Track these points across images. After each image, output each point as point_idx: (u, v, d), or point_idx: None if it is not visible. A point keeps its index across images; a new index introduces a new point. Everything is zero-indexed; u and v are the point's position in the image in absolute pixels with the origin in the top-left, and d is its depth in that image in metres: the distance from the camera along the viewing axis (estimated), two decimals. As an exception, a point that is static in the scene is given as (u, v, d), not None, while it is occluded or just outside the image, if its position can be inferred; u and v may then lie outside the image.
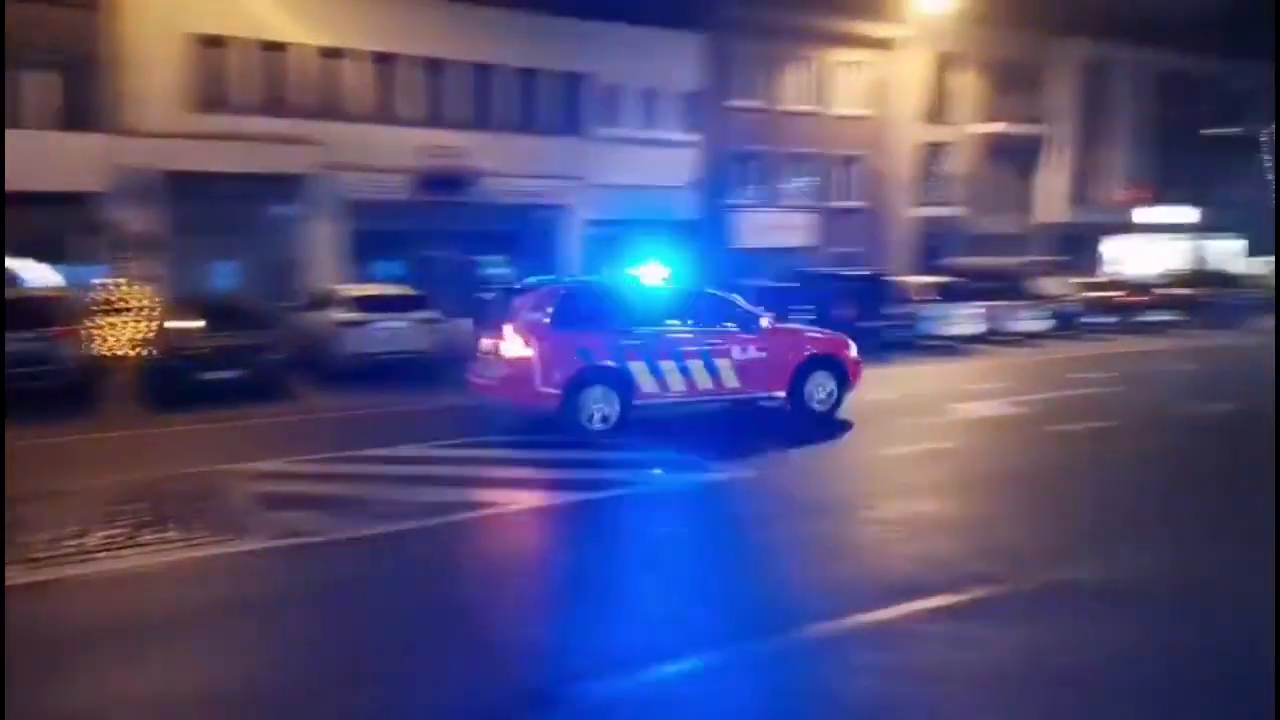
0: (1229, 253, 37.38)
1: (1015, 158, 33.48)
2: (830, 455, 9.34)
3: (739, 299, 11.64)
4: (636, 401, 9.99)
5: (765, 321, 10.98)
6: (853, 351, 11.42)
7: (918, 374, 16.18)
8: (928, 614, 4.79)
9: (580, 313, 10.03)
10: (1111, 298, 24.48)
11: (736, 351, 10.55)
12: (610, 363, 9.85)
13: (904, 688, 4.07)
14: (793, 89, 28.55)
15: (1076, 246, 33.63)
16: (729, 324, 10.77)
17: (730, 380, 10.53)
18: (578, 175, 24.26)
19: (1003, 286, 21.97)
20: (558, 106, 24.48)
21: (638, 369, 9.96)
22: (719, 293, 11.72)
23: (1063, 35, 33.08)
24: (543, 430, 9.71)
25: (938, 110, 31.53)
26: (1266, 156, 36.41)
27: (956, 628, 4.65)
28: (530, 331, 9.67)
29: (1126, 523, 6.75)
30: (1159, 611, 4.94)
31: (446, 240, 23.11)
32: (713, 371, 10.43)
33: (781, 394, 10.83)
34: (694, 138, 26.32)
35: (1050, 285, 23.48)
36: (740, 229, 27.54)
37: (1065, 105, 33.93)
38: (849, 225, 29.46)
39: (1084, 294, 24.08)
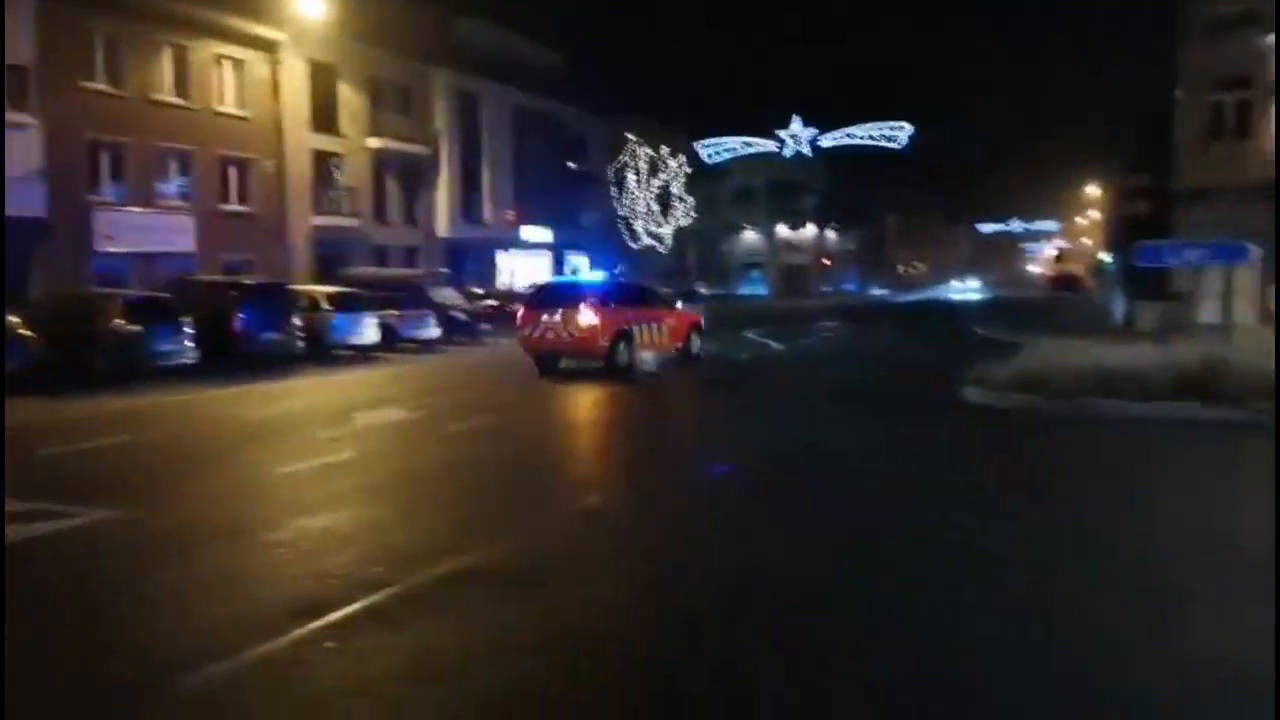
0: (580, 266, 44.61)
1: (406, 174, 35.10)
2: (225, 478, 8.50)
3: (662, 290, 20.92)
4: (634, 349, 16.31)
5: (679, 305, 19.53)
6: (702, 321, 19.45)
7: (323, 385, 15.83)
8: (321, 632, 4.59)
9: (605, 298, 16.42)
10: (494, 306, 27.23)
11: (669, 321, 17.76)
12: (627, 327, 16.20)
13: (286, 717, 3.84)
14: (164, 78, 25.63)
15: (467, 259, 36.69)
16: (661, 305, 18.32)
17: (665, 339, 17.46)
18: None
19: (401, 296, 22.79)
20: None
21: (637, 331, 16.46)
22: (654, 288, 20.81)
23: (435, 64, 35.71)
24: None
25: (328, 120, 31.40)
26: (613, 189, 44.32)
27: (347, 640, 4.53)
28: (594, 309, 15.74)
29: (508, 509, 7.46)
30: (531, 590, 5.51)
31: None
32: (660, 333, 17.27)
33: (680, 346, 17.97)
34: (32, 120, 21.84)
35: (443, 295, 25.12)
36: (105, 230, 23.79)
37: (445, 129, 36.68)
38: (240, 231, 27.60)
39: (472, 303, 26.33)
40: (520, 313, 17.00)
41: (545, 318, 16.14)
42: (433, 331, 22.70)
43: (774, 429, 11.32)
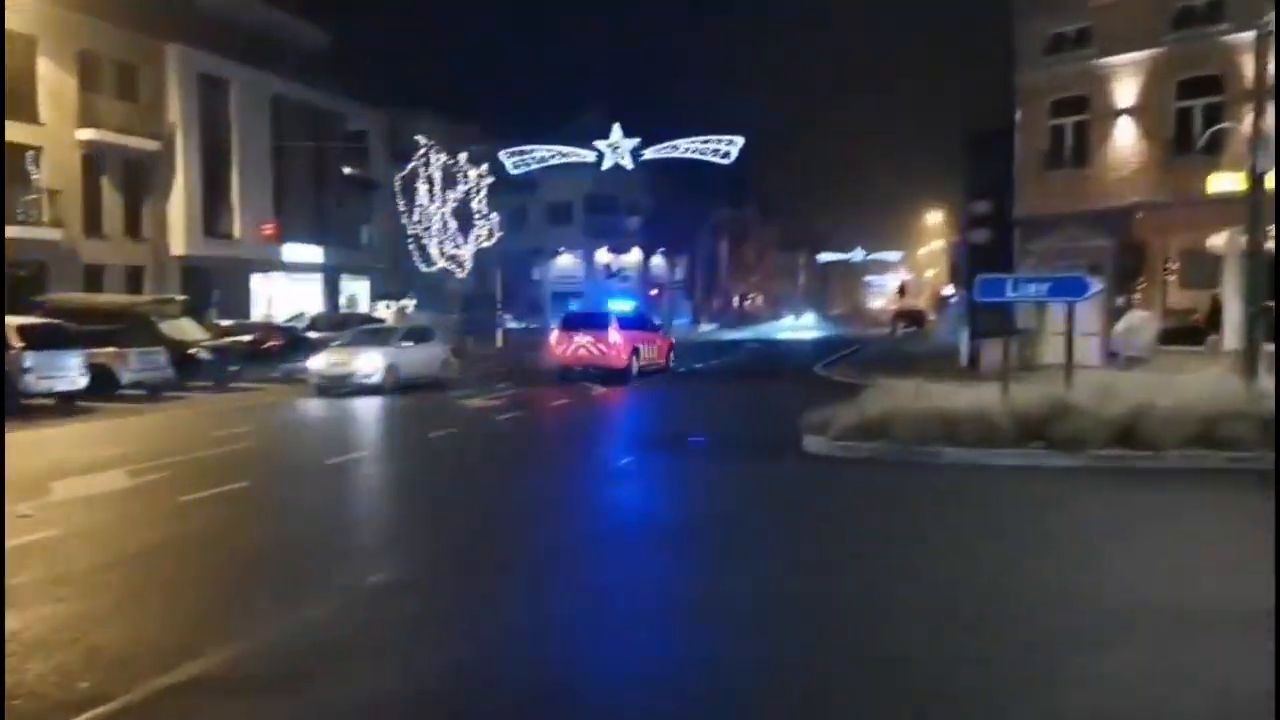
0: (359, 293, 43.47)
1: (130, 175, 33.11)
2: None
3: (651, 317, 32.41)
4: (640, 363, 26.06)
5: (662, 330, 31.68)
6: (674, 341, 31.30)
7: (11, 445, 14.46)
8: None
9: (623, 322, 26.36)
10: (248, 342, 25.91)
11: (658, 343, 28.47)
12: (638, 346, 26.07)
13: None
14: None
15: (212, 283, 34.83)
16: (654, 331, 29.16)
17: (657, 356, 27.71)
18: None
19: (120, 330, 21.31)
20: None
21: (642, 349, 26.35)
22: (649, 316, 32.67)
23: (169, 39, 34.07)
24: None
25: (24, 104, 29.19)
26: (400, 201, 43.45)
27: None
28: (619, 330, 25.49)
29: (258, 597, 7.12)
30: (285, 697, 5.30)
31: None
32: (654, 351, 27.44)
33: (662, 362, 28.11)
34: None
35: (179, 328, 23.71)
36: None
37: (182, 120, 34.92)
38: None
39: (219, 338, 24.96)
40: (554, 336, 26.41)
41: (577, 339, 25.36)
42: (164, 374, 21.37)
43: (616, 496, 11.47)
